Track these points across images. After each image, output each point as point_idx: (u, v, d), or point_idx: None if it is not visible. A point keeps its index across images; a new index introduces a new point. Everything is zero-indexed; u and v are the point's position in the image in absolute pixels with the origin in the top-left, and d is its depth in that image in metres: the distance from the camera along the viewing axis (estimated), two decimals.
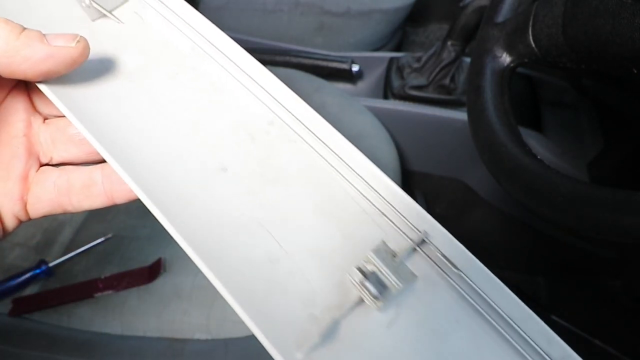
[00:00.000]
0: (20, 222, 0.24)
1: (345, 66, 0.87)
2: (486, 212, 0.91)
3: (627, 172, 0.63)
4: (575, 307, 0.95)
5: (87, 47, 0.21)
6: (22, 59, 0.20)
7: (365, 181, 0.23)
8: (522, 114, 0.79)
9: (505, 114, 0.37)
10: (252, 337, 0.21)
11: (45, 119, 0.25)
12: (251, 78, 0.24)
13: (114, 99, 0.23)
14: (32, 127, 0.24)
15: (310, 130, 0.24)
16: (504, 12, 0.41)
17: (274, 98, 0.24)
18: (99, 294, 0.53)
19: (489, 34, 0.40)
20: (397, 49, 1.12)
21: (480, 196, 0.88)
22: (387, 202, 0.23)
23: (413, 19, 1.16)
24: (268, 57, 0.88)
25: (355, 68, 0.88)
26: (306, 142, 0.23)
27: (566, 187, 0.30)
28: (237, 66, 0.25)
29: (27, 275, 0.55)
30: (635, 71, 0.29)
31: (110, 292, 0.53)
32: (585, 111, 0.79)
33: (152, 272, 0.54)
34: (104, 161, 0.22)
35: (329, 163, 0.23)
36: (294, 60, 0.88)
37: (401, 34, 1.13)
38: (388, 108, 0.80)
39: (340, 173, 0.23)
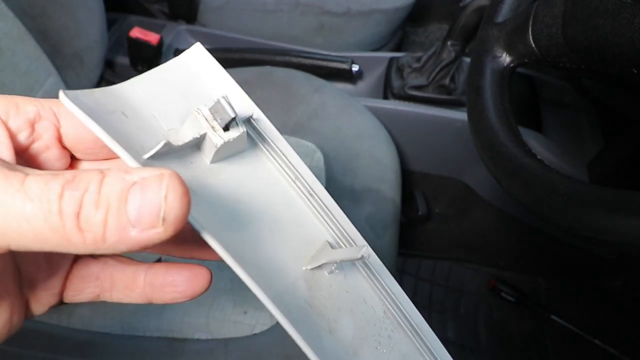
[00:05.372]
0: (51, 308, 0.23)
1: (345, 66, 0.87)
2: (486, 212, 0.91)
3: (627, 172, 0.63)
4: (575, 307, 0.95)
5: (178, 219, 0.15)
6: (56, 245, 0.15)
7: None
8: (522, 114, 0.79)
9: (505, 114, 0.37)
10: (252, 337, 0.22)
11: None
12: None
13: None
14: None
15: None
16: (504, 12, 0.41)
17: None
18: None
19: (489, 34, 0.40)
20: (397, 49, 1.12)
21: (480, 196, 0.88)
22: None
23: (413, 19, 1.16)
24: (268, 57, 0.88)
25: (355, 68, 0.88)
26: None
27: (566, 187, 0.30)
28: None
29: None
30: (635, 71, 0.29)
31: None
32: (585, 111, 0.79)
33: None
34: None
35: None
36: (294, 60, 0.88)
37: (401, 34, 1.13)
38: (388, 108, 0.80)
39: None
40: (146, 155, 0.19)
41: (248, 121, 0.24)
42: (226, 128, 0.22)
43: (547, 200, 0.31)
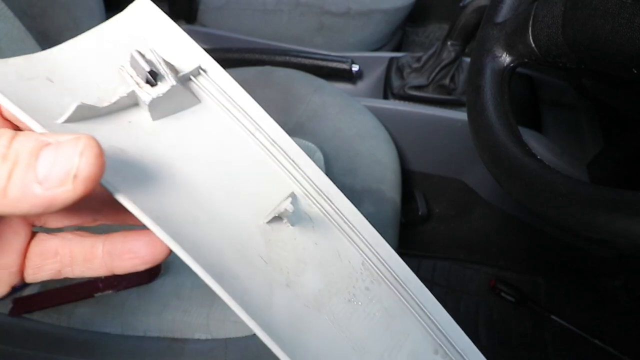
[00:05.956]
0: (13, 288, 0.23)
1: (345, 66, 0.87)
2: (486, 212, 0.91)
3: (627, 172, 0.63)
4: (575, 307, 0.95)
5: (90, 179, 0.15)
6: None
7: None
8: (522, 114, 0.79)
9: (505, 114, 0.37)
10: (252, 337, 0.22)
11: None
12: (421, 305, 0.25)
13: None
14: None
15: None
16: (504, 12, 0.41)
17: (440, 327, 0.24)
18: (99, 294, 0.53)
19: (489, 34, 0.40)
20: (397, 49, 1.12)
21: (480, 196, 0.88)
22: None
23: (413, 19, 1.17)
24: (268, 57, 0.88)
25: (355, 68, 0.88)
26: None
27: (566, 187, 0.30)
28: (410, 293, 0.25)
29: None
30: (635, 71, 0.29)
31: (110, 291, 0.53)
32: (585, 111, 0.79)
33: (152, 271, 0.54)
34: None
35: None
36: (294, 60, 0.88)
37: (401, 34, 1.13)
38: (388, 108, 0.80)
39: None
40: (59, 120, 0.18)
41: (198, 73, 0.23)
42: (154, 82, 0.20)
43: (547, 200, 0.31)
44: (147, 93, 0.20)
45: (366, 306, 0.24)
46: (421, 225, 0.96)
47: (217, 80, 0.24)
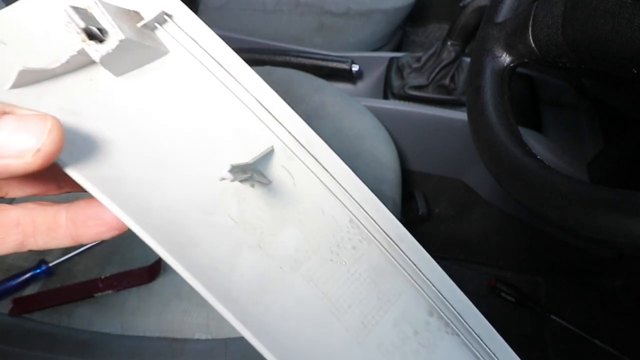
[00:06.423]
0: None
1: (345, 66, 0.87)
2: (486, 212, 0.91)
3: (627, 172, 0.63)
4: (575, 307, 0.95)
5: (51, 156, 0.16)
6: None
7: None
8: (522, 114, 0.79)
9: (505, 114, 0.37)
10: None
11: None
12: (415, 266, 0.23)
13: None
14: None
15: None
16: (504, 12, 0.41)
17: (437, 290, 0.23)
18: (99, 294, 0.53)
19: (489, 34, 0.40)
20: (397, 49, 1.12)
21: (480, 196, 0.88)
22: None
23: (413, 19, 1.16)
24: (268, 57, 0.88)
25: (355, 68, 0.88)
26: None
27: (566, 187, 0.30)
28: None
29: (27, 275, 0.55)
30: (635, 71, 0.29)
31: (110, 291, 0.53)
32: (585, 111, 0.79)
33: (152, 272, 0.54)
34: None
35: None
36: (294, 60, 0.88)
37: (401, 34, 1.13)
38: (388, 108, 0.80)
39: None
40: (5, 87, 0.18)
41: (163, 20, 0.21)
42: (102, 37, 0.19)
43: (547, 200, 0.31)
44: (95, 50, 0.19)
45: (351, 266, 0.22)
46: (421, 225, 0.96)
47: (186, 27, 0.22)
